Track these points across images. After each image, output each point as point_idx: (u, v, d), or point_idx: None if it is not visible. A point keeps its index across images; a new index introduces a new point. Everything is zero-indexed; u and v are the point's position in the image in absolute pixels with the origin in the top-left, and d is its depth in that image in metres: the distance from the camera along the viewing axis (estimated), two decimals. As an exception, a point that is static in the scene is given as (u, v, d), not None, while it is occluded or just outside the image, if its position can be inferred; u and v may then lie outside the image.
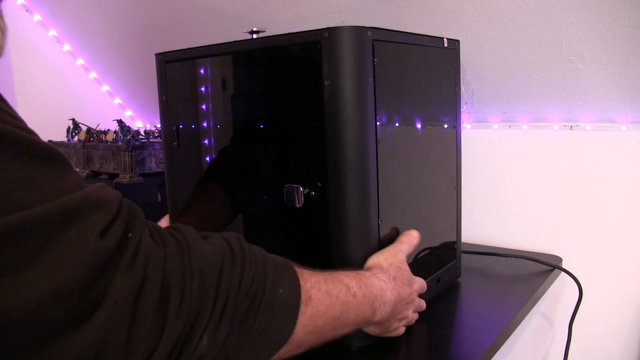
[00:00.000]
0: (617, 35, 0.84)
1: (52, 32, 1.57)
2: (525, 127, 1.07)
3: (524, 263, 0.99)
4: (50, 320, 0.32)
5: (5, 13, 0.42)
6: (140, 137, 1.38)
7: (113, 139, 1.36)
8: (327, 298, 0.49)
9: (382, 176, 0.64)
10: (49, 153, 0.35)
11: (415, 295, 0.65)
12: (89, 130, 1.44)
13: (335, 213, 0.63)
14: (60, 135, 1.53)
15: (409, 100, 0.71)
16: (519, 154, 1.08)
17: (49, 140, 1.50)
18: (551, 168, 1.04)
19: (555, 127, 1.03)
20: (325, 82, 0.60)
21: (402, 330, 0.66)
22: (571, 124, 1.01)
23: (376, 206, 0.64)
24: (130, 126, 1.44)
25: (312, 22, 1.10)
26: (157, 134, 1.50)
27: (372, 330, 0.62)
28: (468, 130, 1.14)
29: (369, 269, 0.61)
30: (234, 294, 0.41)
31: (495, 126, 1.10)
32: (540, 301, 0.93)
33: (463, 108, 0.91)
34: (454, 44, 0.80)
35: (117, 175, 1.31)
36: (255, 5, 1.13)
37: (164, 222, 0.83)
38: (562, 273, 1.02)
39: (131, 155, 1.28)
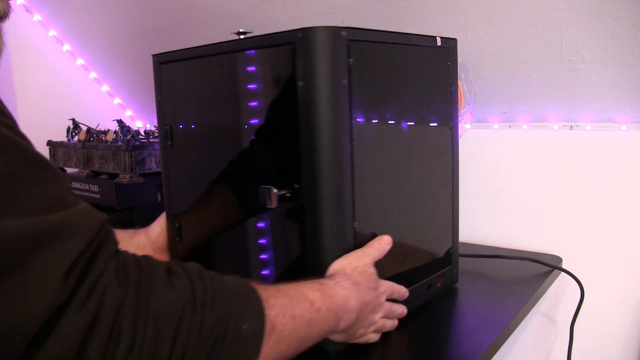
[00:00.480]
0: (617, 35, 0.84)
1: (52, 32, 1.57)
2: (525, 127, 1.07)
3: (524, 263, 0.99)
4: None
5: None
6: (140, 137, 1.38)
7: (113, 139, 1.36)
8: (292, 322, 0.48)
9: (359, 178, 0.63)
10: (32, 156, 0.34)
11: (382, 299, 0.63)
12: (89, 130, 1.44)
13: (309, 216, 0.62)
14: (60, 135, 1.53)
15: (393, 101, 0.69)
16: (519, 154, 1.08)
17: (48, 141, 1.50)
18: (551, 168, 1.04)
19: (555, 127, 1.03)
20: (299, 83, 0.60)
21: (373, 337, 0.64)
22: (571, 124, 1.01)
23: (351, 209, 0.63)
24: (130, 126, 1.44)
25: (312, 22, 1.10)
26: (156, 134, 1.50)
27: (336, 337, 0.61)
28: (468, 130, 1.14)
29: (332, 275, 0.60)
30: (193, 342, 0.40)
31: (495, 126, 1.10)
32: (540, 301, 0.93)
33: (465, 108, 0.89)
34: (449, 42, 0.78)
35: (117, 175, 1.31)
36: (255, 6, 1.13)
37: (160, 222, 0.82)
38: (562, 273, 1.02)
39: (131, 155, 1.28)
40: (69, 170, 1.50)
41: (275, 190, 0.63)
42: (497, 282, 0.90)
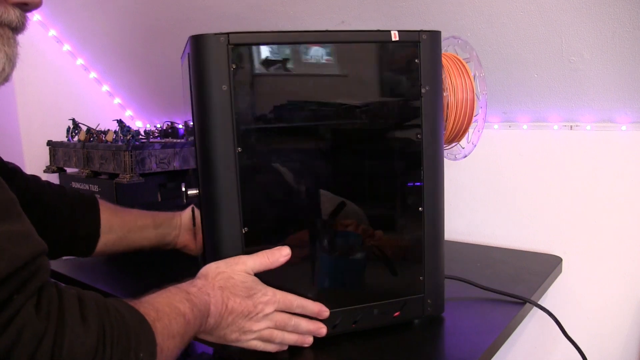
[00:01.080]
0: (617, 35, 0.84)
1: (52, 32, 1.57)
2: (525, 127, 1.07)
3: (525, 263, 1.00)
4: None
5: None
6: (140, 137, 1.38)
7: (113, 139, 1.36)
8: (173, 341, 0.52)
9: (247, 186, 0.63)
10: None
11: (262, 308, 0.61)
12: (89, 130, 1.44)
13: (202, 219, 0.65)
14: (60, 135, 1.53)
15: (302, 106, 0.65)
16: (519, 154, 1.08)
17: (48, 141, 1.50)
18: (551, 168, 1.04)
19: (555, 127, 1.03)
20: (191, 90, 0.62)
21: (260, 345, 0.63)
22: (571, 124, 1.01)
23: (238, 215, 0.63)
24: (130, 126, 1.44)
25: (312, 22, 1.10)
26: (157, 134, 1.50)
27: (205, 337, 0.61)
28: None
29: (196, 279, 0.61)
30: None
31: (495, 126, 1.10)
32: (540, 301, 0.93)
33: (477, 113, 0.79)
34: (419, 36, 0.67)
35: (117, 175, 1.31)
36: (255, 5, 1.13)
37: (188, 212, 0.89)
38: (562, 273, 1.02)
39: (131, 155, 1.28)
40: (69, 170, 1.50)
41: (183, 189, 0.69)
42: (497, 281, 0.90)
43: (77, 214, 0.82)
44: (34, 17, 1.52)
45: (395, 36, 0.66)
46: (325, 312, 0.66)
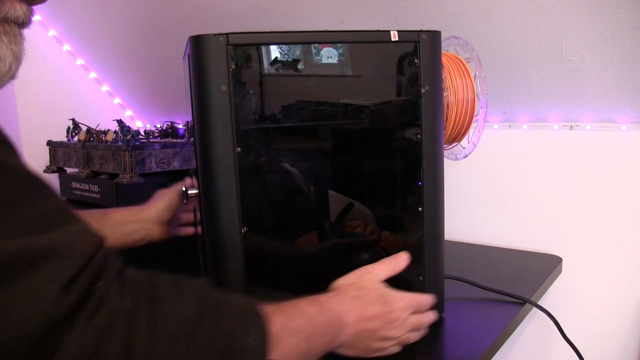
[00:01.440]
0: (617, 35, 0.84)
1: (52, 32, 1.57)
2: (525, 127, 1.07)
3: (525, 263, 1.00)
4: None
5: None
6: (140, 137, 1.38)
7: (113, 139, 1.36)
8: (293, 337, 0.49)
9: (246, 186, 0.63)
10: (23, 175, 0.34)
11: (399, 314, 0.61)
12: (89, 130, 1.44)
13: (202, 218, 0.65)
14: (60, 135, 1.53)
15: (301, 106, 0.66)
16: (519, 154, 1.08)
17: (48, 141, 1.50)
18: (551, 168, 1.04)
19: (555, 127, 1.03)
20: (191, 90, 0.63)
21: (394, 350, 0.63)
22: (571, 124, 1.01)
23: (237, 215, 0.63)
24: (130, 126, 1.44)
25: (312, 22, 1.10)
26: (157, 134, 1.50)
27: (347, 352, 0.60)
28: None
29: (329, 291, 0.61)
30: (202, 354, 0.41)
31: (495, 126, 1.10)
32: (540, 301, 0.93)
33: (478, 113, 0.79)
34: (418, 36, 0.66)
35: (117, 175, 1.31)
36: (255, 5, 1.13)
37: (166, 199, 0.86)
38: (562, 273, 1.02)
39: (131, 155, 1.28)
40: (69, 170, 1.50)
41: (184, 188, 0.71)
42: (497, 282, 0.90)
43: None
44: (34, 17, 1.52)
45: (394, 36, 0.66)
46: (432, 300, 0.67)
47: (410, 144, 0.68)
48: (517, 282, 0.89)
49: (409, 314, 0.62)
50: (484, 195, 1.13)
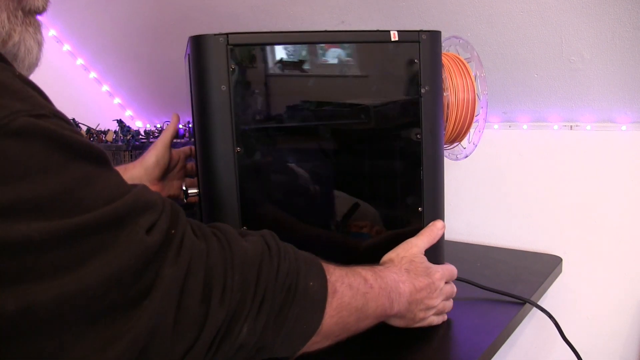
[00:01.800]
0: (617, 35, 0.84)
1: (52, 32, 1.57)
2: (525, 127, 1.07)
3: (525, 263, 1.00)
4: (106, 305, 0.35)
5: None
6: (140, 137, 1.38)
7: (113, 139, 1.36)
8: (350, 290, 0.52)
9: (246, 185, 0.63)
10: (98, 154, 0.39)
11: (439, 284, 0.66)
12: (89, 130, 1.44)
13: (203, 215, 0.66)
14: (60, 135, 1.52)
15: (301, 106, 0.66)
16: (519, 154, 1.08)
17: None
18: (551, 168, 1.04)
19: (555, 127, 1.03)
20: (191, 90, 0.64)
21: (435, 319, 0.68)
22: (571, 124, 1.01)
23: (237, 214, 0.63)
24: (130, 126, 1.44)
25: (312, 22, 1.10)
26: (157, 134, 1.50)
27: (397, 322, 0.64)
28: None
29: (382, 264, 0.65)
30: (271, 287, 0.45)
31: (495, 126, 1.10)
32: (540, 301, 0.93)
33: (478, 113, 0.79)
34: (418, 36, 0.66)
35: (117, 175, 1.31)
36: (255, 5, 1.13)
37: (155, 153, 0.82)
38: (563, 273, 1.02)
39: (131, 155, 1.28)
40: (69, 170, 1.49)
41: (184, 188, 0.74)
42: (497, 281, 0.90)
43: None
44: (34, 17, 1.53)
45: (394, 36, 0.66)
46: (455, 270, 0.71)
47: (410, 143, 0.69)
48: (517, 282, 0.89)
49: (444, 282, 0.67)
50: (484, 195, 1.13)
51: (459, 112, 0.75)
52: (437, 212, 0.71)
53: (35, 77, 1.47)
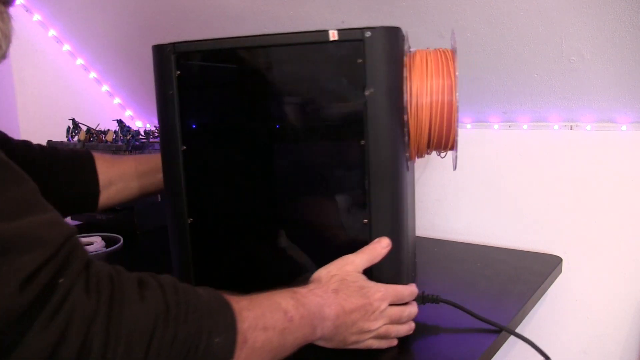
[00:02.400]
0: (618, 35, 0.84)
1: (52, 32, 1.57)
2: (525, 127, 1.07)
3: (525, 263, 1.00)
4: None
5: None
6: (140, 137, 1.38)
7: (113, 139, 1.36)
8: (264, 333, 0.48)
9: (193, 181, 0.70)
10: None
11: (378, 305, 0.60)
12: (88, 130, 1.44)
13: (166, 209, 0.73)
14: (60, 135, 1.52)
15: (240, 109, 0.70)
16: (519, 154, 1.08)
17: (48, 141, 1.50)
18: (551, 168, 1.04)
19: (555, 127, 1.03)
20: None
21: (375, 343, 0.62)
22: (571, 124, 1.01)
23: (183, 206, 0.70)
24: (130, 126, 1.44)
25: (313, 22, 1.10)
26: (157, 134, 1.50)
27: (323, 344, 0.60)
28: (468, 130, 1.14)
29: (310, 282, 0.61)
30: (164, 356, 0.40)
31: (495, 126, 1.10)
32: (540, 301, 0.93)
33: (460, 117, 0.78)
34: (360, 34, 0.61)
35: (117, 175, 1.31)
36: (255, 6, 1.13)
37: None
38: (563, 273, 1.02)
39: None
40: (69, 170, 1.50)
41: None
42: (497, 282, 0.90)
43: (73, 174, 0.80)
44: (34, 17, 1.52)
45: (334, 35, 0.62)
46: (414, 290, 0.66)
47: (352, 150, 0.64)
48: (517, 282, 0.89)
49: (387, 304, 0.61)
50: (484, 195, 1.13)
51: (435, 115, 0.67)
52: (389, 225, 0.65)
53: (36, 78, 1.47)
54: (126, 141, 1.31)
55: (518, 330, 0.78)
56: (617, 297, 0.99)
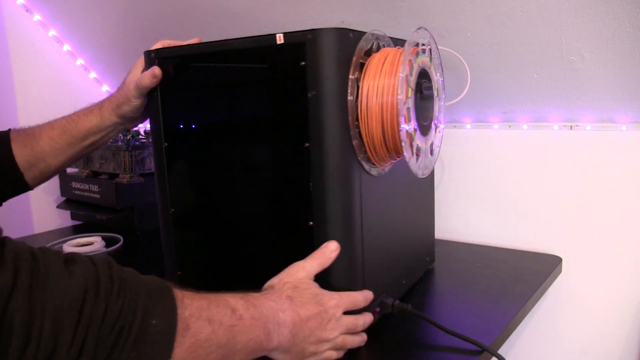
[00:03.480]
0: (617, 35, 0.84)
1: (52, 32, 1.57)
2: (525, 127, 1.07)
3: (525, 263, 1.00)
4: None
5: (4, 13, 0.42)
6: (140, 137, 1.38)
7: (113, 139, 1.36)
8: (209, 325, 0.46)
9: (174, 171, 0.77)
10: None
11: (334, 312, 0.58)
12: (89, 130, 1.43)
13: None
14: (60, 135, 1.52)
15: (205, 111, 0.74)
16: (519, 154, 1.08)
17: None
18: (551, 168, 1.04)
19: (555, 127, 1.03)
20: None
21: (334, 354, 0.59)
22: (571, 124, 1.01)
23: (166, 197, 0.77)
24: (130, 126, 1.44)
25: (313, 22, 1.10)
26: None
27: (281, 357, 0.56)
28: (468, 130, 1.14)
29: (263, 289, 0.59)
30: (94, 331, 0.38)
31: (495, 126, 1.10)
32: (540, 301, 0.93)
33: (410, 120, 0.64)
34: (303, 36, 0.61)
35: (117, 175, 1.31)
36: (255, 6, 1.13)
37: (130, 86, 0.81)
38: (562, 274, 1.02)
39: (131, 155, 1.28)
40: (68, 170, 1.50)
41: None
42: (497, 282, 0.90)
43: None
44: (34, 17, 1.52)
45: (280, 39, 0.63)
46: (369, 295, 0.64)
47: (299, 152, 0.63)
48: (517, 282, 0.89)
49: (342, 312, 0.59)
50: (484, 195, 1.13)
51: (386, 118, 0.63)
52: (338, 229, 0.63)
53: (36, 77, 1.48)
54: (126, 141, 1.31)
55: (518, 329, 0.78)
56: (617, 297, 0.99)
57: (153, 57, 0.74)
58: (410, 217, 0.86)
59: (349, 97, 0.62)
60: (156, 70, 0.73)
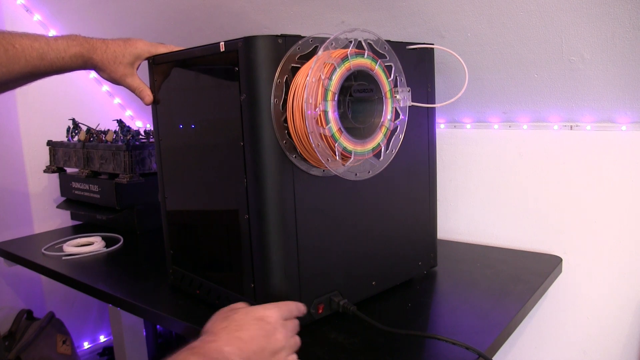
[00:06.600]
0: (617, 35, 0.84)
1: (52, 32, 1.57)
2: (525, 127, 1.07)
3: (525, 263, 1.00)
4: None
5: (4, 13, 0.42)
6: (140, 137, 1.38)
7: (113, 139, 1.36)
8: None
9: (165, 164, 0.87)
10: None
11: (275, 321, 0.60)
12: (89, 130, 1.44)
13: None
14: (60, 135, 1.53)
15: (189, 110, 0.80)
16: (519, 154, 1.08)
17: (48, 141, 1.50)
18: (551, 168, 1.04)
19: (555, 127, 1.03)
20: None
21: (295, 358, 0.60)
22: (571, 124, 1.01)
23: (161, 186, 0.88)
24: (130, 126, 1.44)
25: (313, 22, 1.10)
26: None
27: None
28: (468, 130, 1.14)
29: (202, 334, 0.59)
30: None
31: (495, 126, 1.10)
32: (540, 301, 0.93)
33: (329, 124, 0.64)
34: (236, 44, 0.66)
35: (117, 175, 1.31)
36: (255, 6, 1.13)
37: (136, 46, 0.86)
38: (563, 273, 1.02)
39: (131, 155, 1.28)
40: (69, 170, 1.50)
41: None
42: (497, 282, 0.90)
43: None
44: (34, 17, 1.52)
45: (222, 47, 0.69)
46: (302, 308, 0.66)
47: (235, 151, 0.70)
48: (517, 282, 0.89)
49: (284, 319, 0.61)
50: (484, 195, 1.13)
51: (303, 120, 0.64)
52: (268, 222, 0.68)
53: (36, 77, 1.41)
54: (126, 141, 1.31)
55: (518, 330, 0.78)
56: (617, 297, 0.99)
57: (150, 63, 0.85)
58: (388, 219, 0.83)
59: (274, 100, 0.66)
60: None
